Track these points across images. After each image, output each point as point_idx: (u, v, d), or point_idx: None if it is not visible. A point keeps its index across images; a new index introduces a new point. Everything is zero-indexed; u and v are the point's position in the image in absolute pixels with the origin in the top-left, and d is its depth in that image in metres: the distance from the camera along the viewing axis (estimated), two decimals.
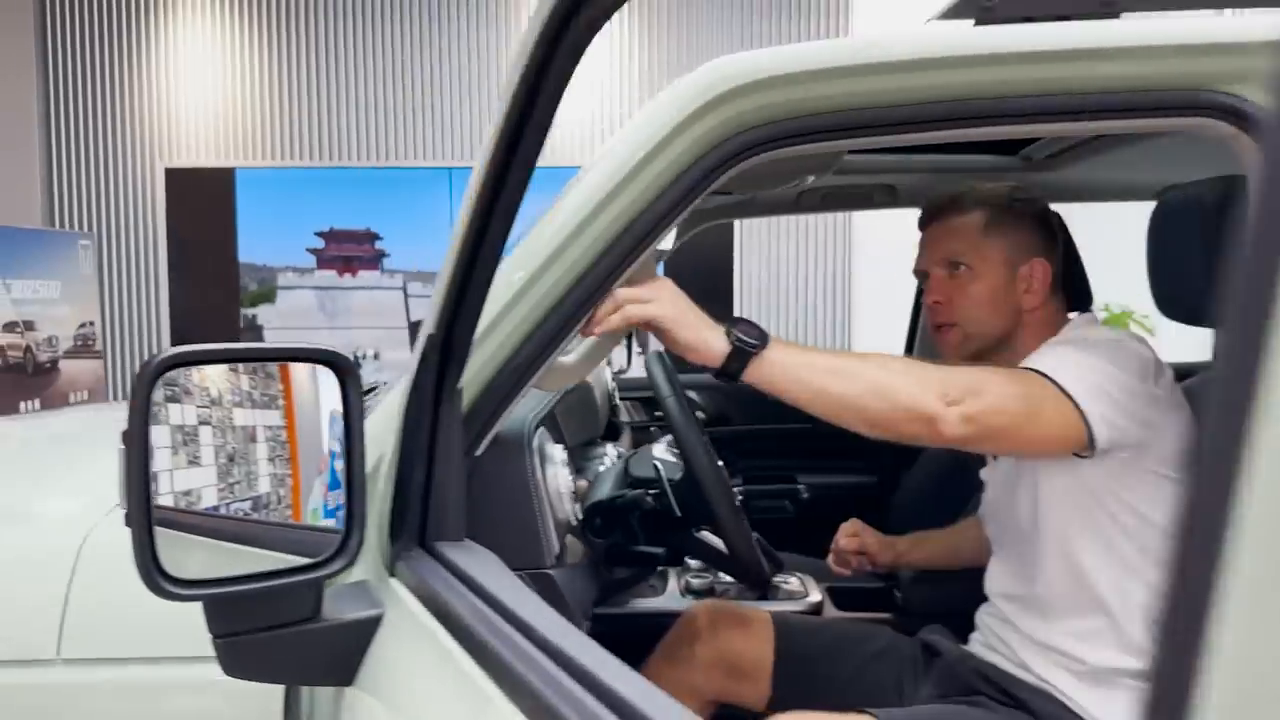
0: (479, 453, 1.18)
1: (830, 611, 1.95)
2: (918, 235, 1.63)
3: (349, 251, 5.84)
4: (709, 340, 1.21)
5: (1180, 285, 1.52)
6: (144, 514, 0.85)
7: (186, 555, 0.92)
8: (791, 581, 2.01)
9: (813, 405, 1.24)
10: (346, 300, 5.88)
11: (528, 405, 1.39)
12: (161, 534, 0.86)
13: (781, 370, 1.22)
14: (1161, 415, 1.38)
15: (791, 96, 1.20)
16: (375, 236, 5.84)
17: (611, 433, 2.32)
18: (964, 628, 1.74)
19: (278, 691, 1.18)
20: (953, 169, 2.43)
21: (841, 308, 5.70)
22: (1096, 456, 1.34)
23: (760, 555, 1.45)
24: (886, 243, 5.43)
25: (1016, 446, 1.39)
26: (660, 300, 1.20)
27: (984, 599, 1.67)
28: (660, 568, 1.57)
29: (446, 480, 1.03)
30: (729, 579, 1.81)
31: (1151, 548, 1.41)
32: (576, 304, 1.17)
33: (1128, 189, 2.47)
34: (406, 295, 5.85)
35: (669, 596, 1.93)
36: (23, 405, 5.12)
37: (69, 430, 2.37)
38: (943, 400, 1.25)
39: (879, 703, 1.45)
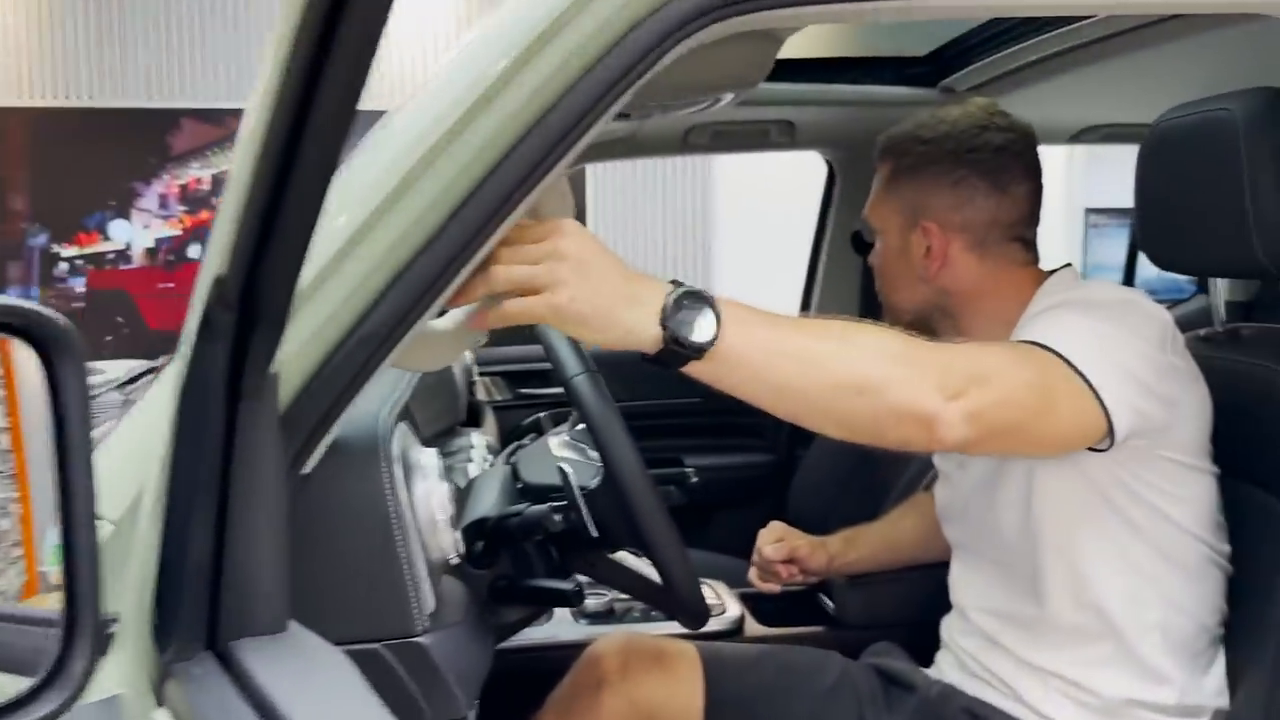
0: (307, 470, 0.76)
1: (753, 628, 1.62)
2: (779, 173, 1.32)
3: None
4: (633, 328, 0.82)
5: (1187, 228, 1.25)
6: None
7: None
8: (703, 592, 1.65)
9: (776, 406, 0.90)
10: None
11: (376, 391, 0.97)
12: None
13: (737, 363, 0.84)
14: (1183, 390, 1.11)
15: None
16: None
17: (470, 416, 1.89)
18: (912, 640, 1.45)
19: None
20: (861, 101, 2.12)
21: (700, 254, 5.40)
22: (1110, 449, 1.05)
23: (699, 585, 1.08)
24: (746, 182, 5.18)
25: (1024, 448, 1.08)
26: (560, 284, 0.79)
27: (937, 604, 1.38)
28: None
29: (253, 529, 0.61)
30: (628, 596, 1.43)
31: (1170, 552, 1.13)
32: (457, 243, 0.76)
33: (1044, 130, 2.25)
34: None
35: (558, 623, 1.54)
36: None
37: None
38: (942, 393, 0.91)
39: None
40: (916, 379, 0.91)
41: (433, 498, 0.88)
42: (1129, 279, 2.57)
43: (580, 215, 5.68)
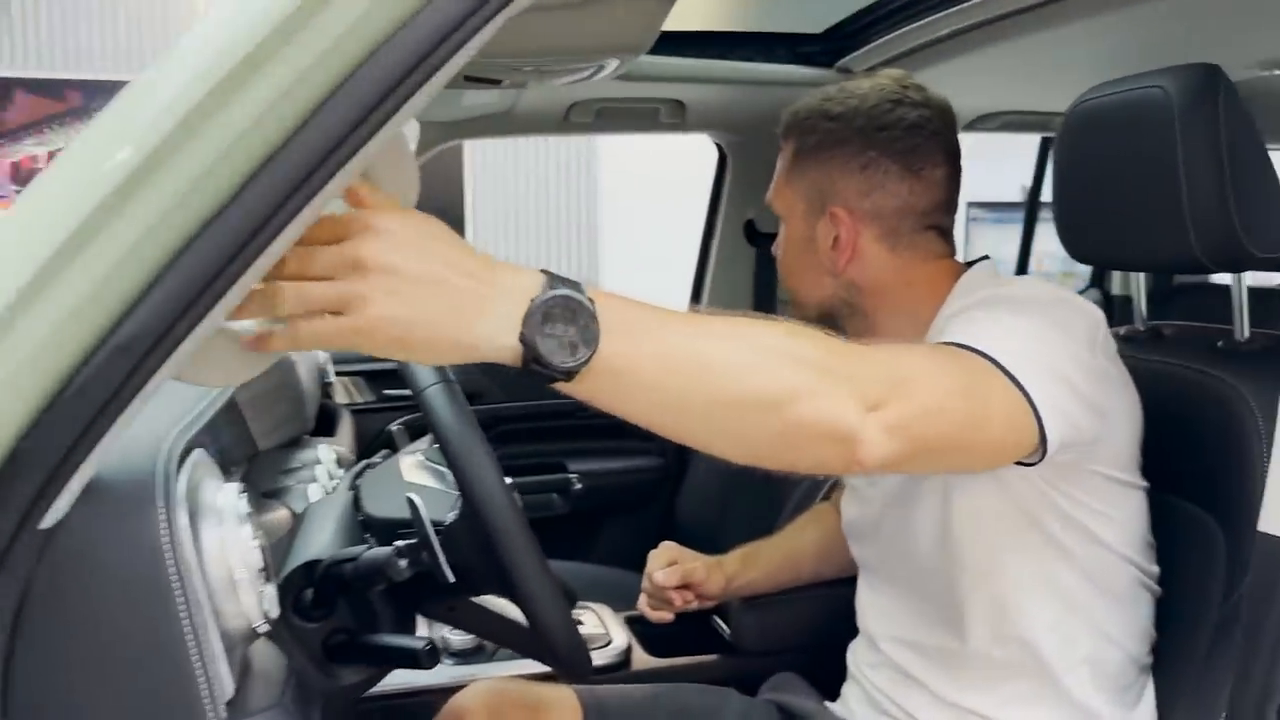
0: (48, 523, 0.57)
1: (641, 659, 1.46)
2: (667, 151, 1.16)
3: None
4: (480, 343, 0.64)
5: (1113, 218, 1.14)
6: None
7: None
8: (586, 620, 1.49)
9: (665, 426, 0.73)
10: None
11: (164, 410, 0.77)
12: None
13: (619, 379, 0.67)
14: (1114, 398, 1.00)
15: None
16: None
17: (324, 423, 1.67)
18: (814, 668, 1.33)
19: None
20: (755, 80, 1.98)
21: (587, 235, 5.23)
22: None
23: (579, 633, 0.90)
24: (634, 158, 5.00)
25: (953, 464, 0.95)
26: (363, 302, 0.61)
27: (841, 628, 1.25)
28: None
29: None
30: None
31: (1100, 577, 1.03)
32: (254, 216, 0.57)
33: None
34: None
35: None
36: None
37: None
38: (863, 404, 0.77)
39: None
40: (832, 389, 0.76)
41: (230, 549, 0.68)
42: (1021, 274, 2.52)
43: (457, 201, 5.49)
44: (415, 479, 0.97)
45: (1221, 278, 1.14)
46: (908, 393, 0.80)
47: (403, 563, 0.83)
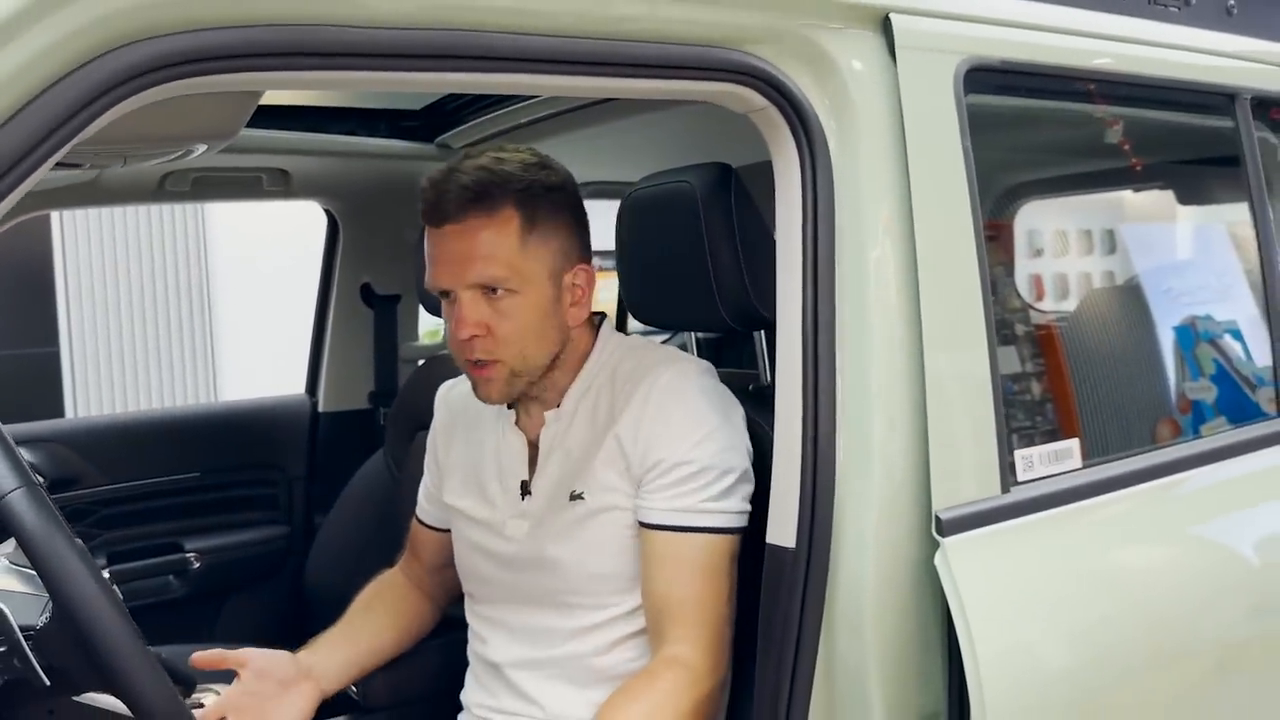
0: None
1: None
2: (284, 210, 1.21)
3: None
4: None
5: (664, 287, 1.36)
6: None
7: None
8: (208, 702, 1.46)
9: None
10: None
11: None
12: None
13: None
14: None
15: None
16: None
17: None
18: (437, 714, 1.42)
19: None
20: (359, 153, 2.06)
21: (199, 305, 4.89)
22: None
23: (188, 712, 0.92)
24: (247, 223, 4.73)
25: None
26: None
27: (454, 661, 1.37)
28: None
29: None
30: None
31: None
32: None
33: None
34: None
35: None
36: None
37: None
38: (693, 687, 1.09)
39: None
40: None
41: None
42: (621, 325, 2.75)
43: (46, 273, 4.88)
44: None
45: None
46: (694, 624, 1.12)
47: None
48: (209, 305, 4.96)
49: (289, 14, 0.83)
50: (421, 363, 2.08)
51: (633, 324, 2.04)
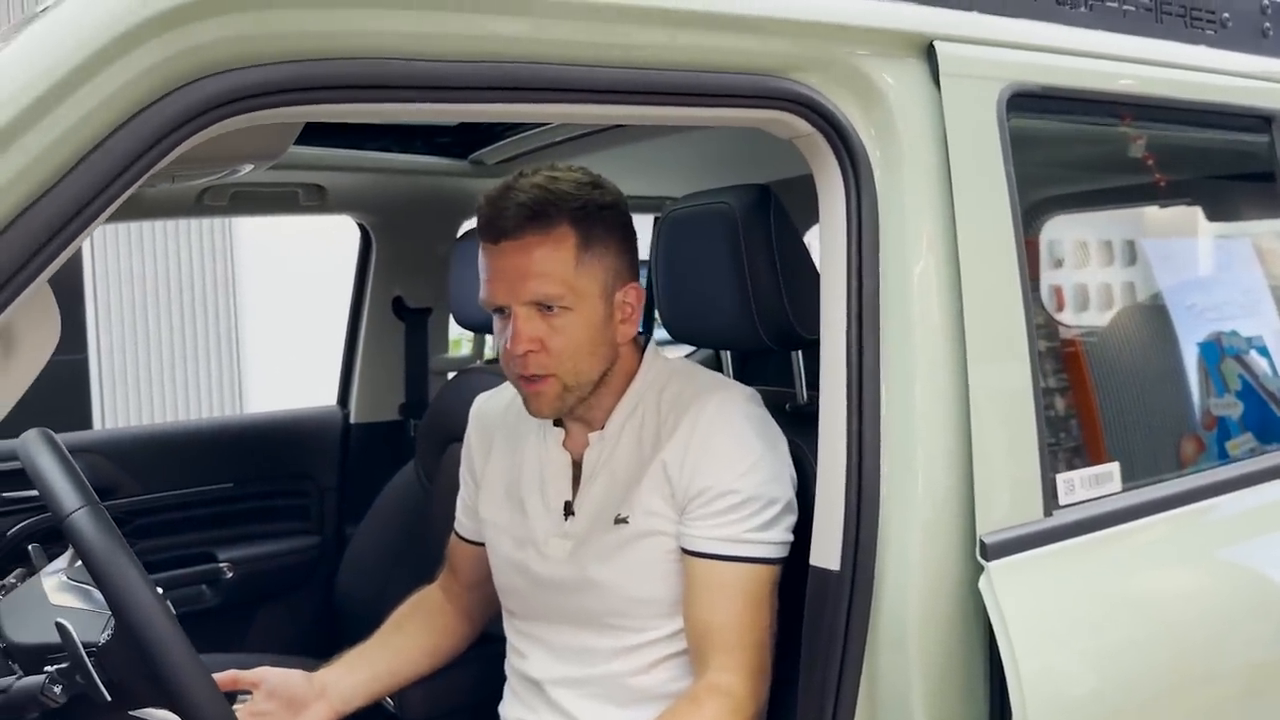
0: None
1: None
2: (307, 229, 1.22)
3: None
4: None
5: (702, 306, 1.37)
6: None
7: None
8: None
9: None
10: None
11: None
12: None
13: None
14: None
15: (278, 28, 0.78)
16: None
17: None
18: None
19: None
20: (395, 169, 2.08)
21: (226, 314, 4.93)
22: None
23: None
24: (272, 234, 4.78)
25: None
26: None
27: (491, 674, 1.38)
28: None
29: None
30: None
31: None
32: None
33: None
34: None
35: None
36: None
37: None
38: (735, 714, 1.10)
39: None
40: None
41: None
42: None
43: (76, 284, 4.96)
44: (61, 601, 0.95)
45: None
46: (733, 649, 1.13)
47: (57, 689, 0.83)
48: (235, 313, 5.01)
49: (343, 49, 0.84)
50: (453, 375, 2.10)
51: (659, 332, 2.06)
